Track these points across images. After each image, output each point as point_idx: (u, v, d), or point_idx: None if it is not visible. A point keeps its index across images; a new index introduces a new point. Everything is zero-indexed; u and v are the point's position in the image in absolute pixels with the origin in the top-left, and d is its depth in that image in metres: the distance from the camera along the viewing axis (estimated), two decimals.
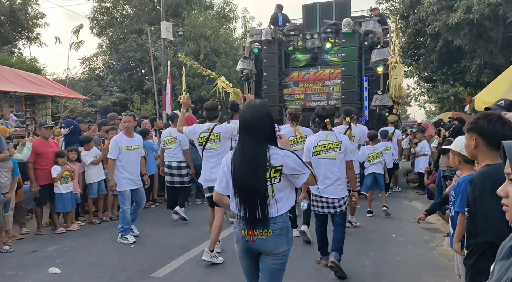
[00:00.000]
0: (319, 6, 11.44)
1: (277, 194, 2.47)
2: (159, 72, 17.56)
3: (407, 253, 5.12)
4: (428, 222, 6.36)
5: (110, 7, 21.33)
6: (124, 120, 5.80)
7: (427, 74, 17.08)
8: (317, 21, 11.26)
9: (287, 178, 2.50)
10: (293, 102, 10.68)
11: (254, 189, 2.42)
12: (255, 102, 2.67)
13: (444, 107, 24.80)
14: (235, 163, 2.51)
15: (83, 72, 19.61)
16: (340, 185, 4.34)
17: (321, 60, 10.97)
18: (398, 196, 9.07)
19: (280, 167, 2.44)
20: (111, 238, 5.79)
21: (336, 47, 10.67)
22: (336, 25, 10.35)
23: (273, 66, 10.75)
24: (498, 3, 10.35)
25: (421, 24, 13.31)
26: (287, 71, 11.17)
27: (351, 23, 10.11)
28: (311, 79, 10.90)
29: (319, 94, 10.87)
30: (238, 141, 2.63)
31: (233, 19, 22.47)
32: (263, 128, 2.50)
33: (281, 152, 2.49)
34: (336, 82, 10.61)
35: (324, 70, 10.79)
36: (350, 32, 10.09)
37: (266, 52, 10.81)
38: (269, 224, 2.45)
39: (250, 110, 2.57)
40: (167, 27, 15.41)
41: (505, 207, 1.10)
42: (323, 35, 10.44)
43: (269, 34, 10.67)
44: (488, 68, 12.92)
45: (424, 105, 35.81)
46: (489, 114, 2.28)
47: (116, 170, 5.59)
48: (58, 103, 13.94)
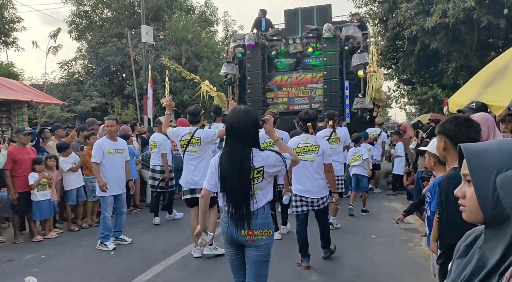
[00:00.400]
0: (301, 12, 11.65)
1: (259, 191, 2.76)
2: (140, 76, 17.42)
3: (386, 253, 5.19)
4: (407, 222, 6.47)
5: (89, 10, 21.06)
6: (107, 124, 5.74)
7: (406, 77, 17.38)
8: (299, 26, 11.48)
9: (270, 175, 2.79)
10: (276, 105, 10.83)
11: (240, 188, 2.71)
12: (241, 108, 2.89)
13: (423, 109, 25.29)
14: (222, 164, 2.77)
15: (62, 77, 19.30)
16: (319, 185, 4.57)
17: (304, 65, 11.15)
18: (378, 196, 9.20)
19: (262, 168, 2.73)
20: (90, 245, 5.71)
21: (317, 52, 10.85)
22: (317, 30, 10.59)
23: (256, 70, 10.87)
24: (473, 8, 10.62)
25: (399, 28, 13.54)
26: (270, 76, 11.32)
27: (332, 28, 10.34)
28: (293, 83, 11.06)
29: (302, 97, 11.05)
30: (225, 143, 2.88)
31: (214, 22, 22.46)
32: (248, 133, 2.76)
33: (262, 153, 2.77)
34: (318, 86, 10.81)
35: (307, 74, 10.98)
36: (331, 37, 10.34)
37: (250, 57, 10.92)
38: (252, 218, 2.71)
39: (236, 116, 2.80)
40: (148, 31, 15.33)
41: (462, 207, 1.11)
42: (305, 40, 10.65)
43: (252, 39, 10.80)
44: (464, 70, 13.23)
45: (404, 107, 36.47)
46: (456, 117, 2.35)
47: (100, 174, 5.52)
48: (36, 109, 13.68)
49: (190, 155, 5.00)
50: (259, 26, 11.74)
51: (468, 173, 1.06)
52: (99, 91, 18.59)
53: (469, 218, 1.11)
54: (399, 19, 12.62)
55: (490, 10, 10.93)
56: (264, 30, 11.62)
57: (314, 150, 4.55)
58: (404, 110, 39.24)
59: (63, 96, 16.09)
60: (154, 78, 16.35)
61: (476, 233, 1.17)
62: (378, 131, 9.79)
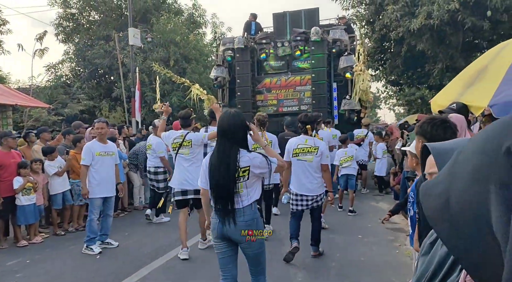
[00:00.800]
0: (289, 15, 11.85)
1: (246, 189, 2.95)
2: (128, 79, 17.32)
3: (372, 253, 5.24)
4: (393, 222, 6.53)
5: (76, 13, 20.89)
6: (97, 127, 5.75)
7: (394, 78, 17.53)
8: (287, 29, 11.70)
9: (255, 175, 2.97)
10: (266, 108, 10.98)
11: (225, 186, 2.89)
12: (231, 111, 3.11)
13: (412, 110, 25.51)
14: (211, 163, 2.97)
15: (49, 80, 19.10)
16: (316, 184, 4.85)
17: (292, 67, 11.30)
18: (366, 197, 9.26)
19: (248, 168, 2.92)
20: (76, 250, 5.66)
21: (306, 54, 10.97)
22: (305, 34, 10.75)
23: (246, 73, 11.00)
24: (457, 10, 10.78)
25: (386, 29, 13.67)
26: (260, 78, 11.45)
27: (320, 31, 10.53)
28: (283, 85, 11.22)
29: (291, 100, 11.22)
30: (216, 143, 3.07)
31: (203, 24, 22.44)
32: (236, 134, 2.95)
33: (250, 154, 2.96)
34: (307, 88, 10.98)
35: (295, 77, 11.12)
36: (318, 40, 10.52)
37: (239, 60, 11.07)
38: (238, 216, 2.92)
39: (226, 118, 3.00)
40: (135, 33, 15.25)
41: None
42: (293, 43, 10.81)
43: (241, 43, 10.97)
44: (450, 71, 13.39)
45: (393, 108, 36.77)
46: (433, 118, 2.38)
47: (90, 176, 5.52)
48: (22, 113, 13.51)
49: (181, 157, 5.19)
50: (249, 30, 11.91)
51: (435, 171, 1.08)
52: (86, 94, 18.45)
53: None
54: (386, 21, 12.76)
55: (474, 12, 11.11)
56: (254, 33, 11.79)
57: (313, 151, 4.81)
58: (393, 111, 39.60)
59: (50, 100, 15.94)
60: (142, 80, 16.28)
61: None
62: (365, 132, 9.97)
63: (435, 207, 0.53)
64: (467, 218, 0.47)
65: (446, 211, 0.51)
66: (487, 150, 0.48)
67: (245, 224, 2.92)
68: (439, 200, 0.53)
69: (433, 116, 2.69)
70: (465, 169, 0.50)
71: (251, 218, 2.95)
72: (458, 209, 0.49)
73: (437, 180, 0.56)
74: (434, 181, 0.57)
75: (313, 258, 4.97)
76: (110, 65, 19.04)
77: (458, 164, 0.52)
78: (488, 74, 4.10)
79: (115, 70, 18.91)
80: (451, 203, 0.50)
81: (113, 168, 5.77)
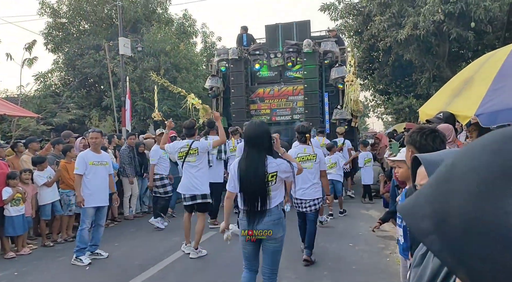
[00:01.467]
0: (281, 27, 12.27)
1: (272, 192, 3.26)
2: (118, 88, 17.27)
3: (363, 261, 5.27)
4: (383, 230, 6.58)
5: (66, 22, 20.84)
6: (91, 137, 5.79)
7: (382, 87, 17.79)
8: (279, 41, 12.11)
9: (281, 179, 3.32)
10: (259, 117, 11.25)
11: (256, 190, 3.20)
12: (256, 122, 3.55)
13: (400, 118, 25.84)
14: (241, 169, 3.24)
15: (37, 89, 18.94)
16: (315, 188, 5.19)
17: (285, 77, 11.60)
18: (356, 205, 9.32)
19: (275, 173, 3.24)
20: (65, 261, 5.59)
21: (298, 65, 11.30)
22: (297, 45, 11.10)
23: (240, 83, 11.33)
24: (442, 21, 11.03)
25: (374, 39, 13.91)
26: (253, 88, 11.75)
27: (311, 43, 10.89)
28: (275, 95, 11.52)
29: (284, 109, 11.49)
30: (243, 151, 3.35)
31: (193, 34, 22.53)
32: (262, 142, 3.25)
33: (276, 160, 3.26)
34: (299, 97, 11.23)
35: (288, 87, 11.43)
36: (310, 51, 10.87)
37: (233, 70, 11.40)
38: (267, 215, 3.22)
39: (252, 128, 3.33)
40: (125, 43, 15.27)
41: None
42: (286, 54, 11.14)
43: (235, 54, 11.32)
44: (436, 81, 13.66)
45: (381, 116, 37.17)
46: (422, 128, 2.43)
47: (83, 185, 5.51)
48: (11, 122, 13.37)
49: (189, 165, 5.52)
50: (241, 42, 12.30)
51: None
52: (76, 103, 18.34)
53: None
54: (374, 31, 12.99)
55: (459, 23, 11.37)
56: (246, 45, 12.15)
57: (312, 159, 5.18)
58: (381, 120, 40.00)
59: (39, 109, 15.79)
60: (132, 89, 16.25)
61: None
62: (342, 141, 9.99)
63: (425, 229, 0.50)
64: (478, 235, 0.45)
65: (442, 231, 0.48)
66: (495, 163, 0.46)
67: (273, 223, 3.24)
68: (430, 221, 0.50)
69: (422, 126, 2.75)
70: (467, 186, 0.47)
71: (278, 217, 3.28)
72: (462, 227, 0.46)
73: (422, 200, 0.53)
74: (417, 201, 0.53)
75: (305, 266, 4.99)
76: (100, 74, 18.98)
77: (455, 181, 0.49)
78: (474, 84, 4.20)
79: (105, 79, 18.85)
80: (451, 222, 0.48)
81: (106, 178, 5.76)
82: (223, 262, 5.26)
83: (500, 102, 3.73)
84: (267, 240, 3.28)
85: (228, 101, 11.68)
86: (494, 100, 3.81)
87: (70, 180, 6.93)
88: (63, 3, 20.38)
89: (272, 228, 3.23)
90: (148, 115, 18.81)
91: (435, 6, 10.80)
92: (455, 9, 10.68)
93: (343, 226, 7.29)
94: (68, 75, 20.63)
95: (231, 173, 3.34)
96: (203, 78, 21.10)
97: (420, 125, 2.77)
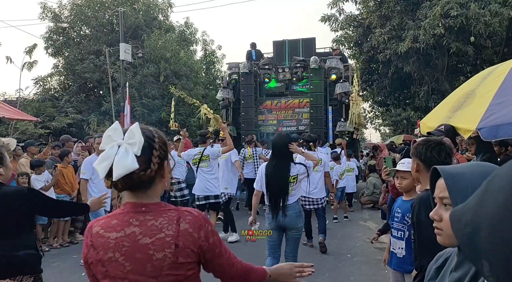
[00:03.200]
0: (288, 43, 13.13)
1: (293, 191, 4.06)
2: (118, 93, 17.27)
3: (361, 272, 5.24)
4: (382, 241, 6.54)
5: (67, 27, 20.89)
6: (97, 142, 5.83)
7: (381, 99, 17.86)
8: (286, 55, 12.95)
9: (300, 180, 4.12)
10: (267, 127, 12.23)
11: (280, 190, 3.97)
12: (283, 134, 4.73)
13: (397, 130, 25.94)
14: (268, 172, 3.98)
15: (36, 93, 18.92)
16: (318, 189, 6.20)
17: (291, 90, 12.31)
18: (353, 216, 9.30)
19: (296, 176, 4.06)
20: (60, 266, 5.53)
21: (304, 80, 12.08)
22: (304, 61, 11.90)
23: (249, 95, 12.08)
24: (442, 34, 11.13)
25: (373, 51, 14.00)
26: (262, 100, 12.53)
27: (318, 60, 11.65)
28: (282, 107, 12.30)
29: (290, 120, 12.26)
30: (271, 157, 4.15)
31: (194, 42, 22.62)
32: (286, 150, 4.01)
33: (296, 166, 4.08)
34: (304, 110, 12.03)
35: (294, 100, 12.20)
36: (317, 68, 11.65)
37: (244, 83, 12.18)
38: (289, 209, 4.00)
39: (280, 139, 4.14)
40: (126, 48, 15.30)
41: (438, 230, 1.10)
42: (294, 69, 11.99)
43: (246, 68, 12.13)
44: (435, 94, 13.72)
45: (379, 128, 37.26)
46: (428, 140, 2.41)
47: (89, 189, 5.62)
48: (8, 125, 13.32)
49: (202, 170, 6.24)
50: (250, 58, 13.13)
51: (446, 196, 1.04)
52: (75, 108, 18.31)
53: (444, 241, 1.08)
54: (373, 43, 13.08)
55: (459, 37, 11.48)
56: (255, 59, 13.01)
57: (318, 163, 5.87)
58: (379, 131, 40.08)
59: (38, 113, 15.75)
60: (131, 95, 16.25)
61: (446, 255, 1.17)
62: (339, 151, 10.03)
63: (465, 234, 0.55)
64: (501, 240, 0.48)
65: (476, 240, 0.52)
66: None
67: (295, 215, 4.06)
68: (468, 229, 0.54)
69: (428, 138, 2.74)
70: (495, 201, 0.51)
71: (298, 210, 4.12)
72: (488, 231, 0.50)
73: (466, 208, 0.57)
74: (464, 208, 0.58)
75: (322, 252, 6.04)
76: (99, 79, 18.99)
77: (489, 195, 0.53)
78: (476, 98, 4.22)
79: (105, 84, 18.85)
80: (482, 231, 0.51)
81: None
82: None
83: (501, 117, 3.74)
84: (290, 230, 4.09)
85: (237, 111, 12.40)
86: (496, 114, 3.82)
87: (65, 184, 6.90)
88: (64, 7, 20.45)
89: (295, 219, 4.05)
90: (147, 121, 18.80)
91: (436, 20, 10.91)
92: (455, 23, 10.78)
93: (341, 236, 7.26)
94: (68, 79, 20.63)
95: (259, 175, 4.08)
96: (202, 85, 21.16)
97: (426, 138, 2.76)
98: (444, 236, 1.07)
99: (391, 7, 12.89)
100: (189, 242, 1.26)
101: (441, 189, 1.07)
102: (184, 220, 1.27)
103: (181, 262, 1.25)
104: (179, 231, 1.25)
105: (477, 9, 10.56)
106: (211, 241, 1.32)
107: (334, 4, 14.30)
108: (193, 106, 13.92)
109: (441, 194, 1.08)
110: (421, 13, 11.84)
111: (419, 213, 2.14)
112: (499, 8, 10.67)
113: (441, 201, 1.09)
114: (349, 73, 12.25)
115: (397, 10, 12.78)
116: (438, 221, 1.09)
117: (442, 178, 1.04)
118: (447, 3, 10.84)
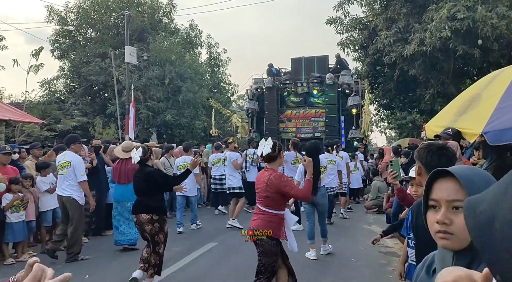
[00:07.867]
0: (304, 60, 15.38)
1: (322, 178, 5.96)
2: (123, 96, 17.34)
3: (365, 277, 5.19)
4: (386, 246, 6.52)
5: (73, 30, 21.03)
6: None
7: (386, 102, 17.76)
8: (302, 71, 15.17)
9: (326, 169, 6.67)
10: (287, 134, 14.30)
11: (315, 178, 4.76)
12: (313, 141, 6.53)
13: (403, 133, 25.79)
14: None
15: (42, 96, 19.04)
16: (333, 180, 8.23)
17: (308, 102, 14.69)
18: (358, 220, 9.24)
19: (325, 166, 6.57)
20: (64, 268, 5.52)
21: (320, 93, 14.45)
22: (321, 77, 14.43)
23: (272, 106, 14.49)
24: (449, 37, 11.05)
25: (379, 54, 13.90)
26: (283, 110, 14.84)
27: (333, 77, 14.14)
28: (300, 116, 14.61)
29: (307, 128, 14.52)
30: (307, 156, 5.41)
31: (199, 44, 22.68)
32: (317, 152, 5.64)
33: (323, 159, 6.36)
34: (320, 119, 14.38)
35: (311, 110, 14.55)
36: (332, 83, 14.09)
37: (267, 96, 14.63)
38: (320, 190, 5.75)
39: (313, 145, 5.72)
40: (131, 51, 15.38)
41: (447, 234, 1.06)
42: (311, 84, 14.54)
43: (270, 82, 14.58)
44: (441, 97, 13.62)
45: (384, 131, 37.10)
46: (430, 145, 2.39)
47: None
48: (15, 127, 13.41)
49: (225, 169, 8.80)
50: (270, 73, 15.53)
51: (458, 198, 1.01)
52: (80, 110, 18.41)
53: (454, 245, 1.04)
54: (379, 46, 13.01)
55: (465, 40, 11.39)
56: (276, 75, 15.51)
57: (333, 162, 8.16)
58: (384, 134, 39.91)
59: (43, 115, 15.86)
60: (136, 98, 16.31)
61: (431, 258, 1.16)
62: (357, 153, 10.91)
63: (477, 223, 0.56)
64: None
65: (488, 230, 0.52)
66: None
67: (322, 195, 6.02)
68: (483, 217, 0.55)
69: (430, 142, 2.71)
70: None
71: (324, 192, 6.21)
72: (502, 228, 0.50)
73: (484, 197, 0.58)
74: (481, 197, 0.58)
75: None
76: (105, 82, 19.09)
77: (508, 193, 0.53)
78: (481, 102, 4.19)
79: (110, 87, 18.95)
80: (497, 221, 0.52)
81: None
82: (224, 271, 5.20)
83: (507, 120, 3.70)
84: (319, 205, 6.07)
85: (261, 120, 14.72)
86: (501, 118, 3.79)
87: None
88: (71, 11, 20.60)
89: (322, 198, 5.98)
90: (151, 124, 18.87)
91: (442, 22, 10.82)
92: (462, 26, 10.69)
93: (345, 240, 7.21)
94: (73, 82, 20.77)
95: (300, 170, 6.15)
96: (207, 88, 21.21)
97: (428, 142, 2.73)
98: (454, 240, 1.04)
99: (397, 9, 12.83)
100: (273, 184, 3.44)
101: (451, 191, 1.04)
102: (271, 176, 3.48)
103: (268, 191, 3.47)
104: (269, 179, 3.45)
105: (484, 11, 10.47)
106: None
107: (340, 6, 14.26)
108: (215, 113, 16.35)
109: (451, 197, 1.05)
110: (427, 15, 11.76)
111: (417, 218, 2.12)
112: (506, 10, 10.57)
113: (450, 204, 1.05)
114: (359, 87, 14.41)
115: (403, 13, 12.71)
116: (448, 225, 1.05)
117: (448, 181, 1.02)
118: (454, 6, 10.76)
